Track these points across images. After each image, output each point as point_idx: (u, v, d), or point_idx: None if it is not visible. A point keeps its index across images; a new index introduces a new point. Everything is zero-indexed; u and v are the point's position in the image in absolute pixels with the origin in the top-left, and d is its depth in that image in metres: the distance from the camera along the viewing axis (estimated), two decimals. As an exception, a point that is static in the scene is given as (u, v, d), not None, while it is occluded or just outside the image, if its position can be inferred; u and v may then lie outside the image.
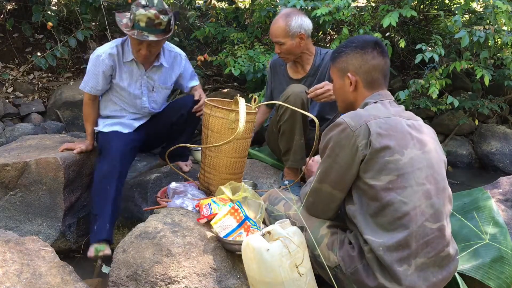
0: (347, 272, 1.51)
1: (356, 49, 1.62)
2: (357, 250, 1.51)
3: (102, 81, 2.30)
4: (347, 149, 1.47)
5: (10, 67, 4.28)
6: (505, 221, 1.99)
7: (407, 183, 1.45)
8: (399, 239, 1.43)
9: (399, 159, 1.45)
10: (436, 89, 3.26)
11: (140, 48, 2.22)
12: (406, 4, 3.29)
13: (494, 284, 1.77)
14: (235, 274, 1.67)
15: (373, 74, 1.61)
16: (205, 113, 2.09)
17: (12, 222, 2.26)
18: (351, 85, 1.63)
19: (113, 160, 2.15)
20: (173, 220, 1.80)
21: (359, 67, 1.61)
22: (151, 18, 2.13)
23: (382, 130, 1.46)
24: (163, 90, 2.47)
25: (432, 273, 1.48)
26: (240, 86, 4.39)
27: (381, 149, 1.44)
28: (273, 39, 2.47)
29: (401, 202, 1.43)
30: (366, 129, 1.46)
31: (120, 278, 1.60)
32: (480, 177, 3.72)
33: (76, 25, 4.18)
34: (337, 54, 1.67)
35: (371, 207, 1.47)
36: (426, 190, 1.47)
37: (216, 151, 2.07)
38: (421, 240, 1.45)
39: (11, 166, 2.23)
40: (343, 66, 1.64)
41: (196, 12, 4.20)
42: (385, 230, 1.45)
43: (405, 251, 1.43)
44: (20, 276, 1.51)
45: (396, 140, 1.46)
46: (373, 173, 1.45)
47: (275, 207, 1.80)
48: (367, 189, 1.47)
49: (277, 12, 3.81)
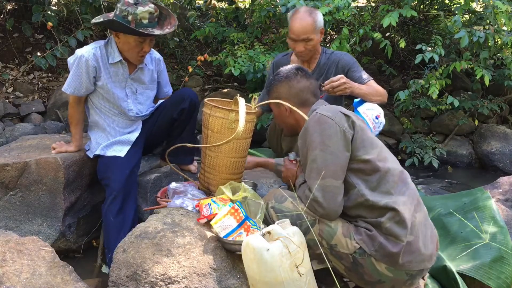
0: (371, 251, 1.57)
1: (280, 79, 1.88)
2: (374, 229, 1.59)
3: (85, 82, 2.23)
4: (334, 136, 1.61)
5: (10, 67, 4.28)
6: (505, 221, 2.00)
7: (385, 153, 1.70)
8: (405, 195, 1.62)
9: (372, 136, 1.70)
10: (436, 89, 3.27)
11: (143, 47, 2.20)
12: (406, 4, 3.29)
13: (494, 284, 1.77)
14: (235, 274, 1.67)
15: (302, 94, 1.85)
16: (205, 113, 2.09)
17: (12, 222, 2.26)
18: (286, 110, 1.85)
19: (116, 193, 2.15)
20: (173, 220, 1.80)
21: (287, 92, 1.85)
22: (152, 12, 2.13)
23: (351, 116, 1.67)
24: (146, 91, 2.42)
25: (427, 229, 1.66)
26: (240, 86, 4.39)
27: (361, 128, 1.66)
28: (299, 37, 2.39)
29: (391, 167, 1.65)
30: (342, 115, 1.65)
31: (120, 278, 1.60)
32: (480, 177, 3.72)
33: (76, 25, 4.18)
34: (269, 87, 1.93)
35: (373, 180, 1.61)
36: (392, 159, 1.71)
37: (216, 151, 2.07)
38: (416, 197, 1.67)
39: (11, 166, 2.23)
40: (275, 96, 1.88)
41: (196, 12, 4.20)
42: (390, 194, 1.60)
43: (411, 206, 1.61)
44: (20, 276, 1.51)
45: (362, 123, 1.70)
46: (364, 149, 1.63)
47: (283, 204, 1.79)
48: (364, 165, 1.62)
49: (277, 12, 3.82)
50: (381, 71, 4.50)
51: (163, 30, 2.20)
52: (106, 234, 2.18)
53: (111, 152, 2.29)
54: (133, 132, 2.40)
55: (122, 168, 2.22)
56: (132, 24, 2.11)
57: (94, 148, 2.34)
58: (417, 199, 1.68)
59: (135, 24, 2.11)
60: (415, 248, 1.57)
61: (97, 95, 2.31)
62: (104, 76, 2.26)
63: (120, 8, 2.13)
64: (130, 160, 2.28)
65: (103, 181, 2.24)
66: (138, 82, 2.37)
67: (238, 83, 4.45)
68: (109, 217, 2.14)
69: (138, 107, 2.40)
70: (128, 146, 2.33)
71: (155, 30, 2.16)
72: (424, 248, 1.59)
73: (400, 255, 1.55)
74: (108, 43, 2.27)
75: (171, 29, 2.23)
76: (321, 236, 1.63)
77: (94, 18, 2.25)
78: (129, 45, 2.20)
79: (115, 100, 2.31)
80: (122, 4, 2.13)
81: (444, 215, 2.11)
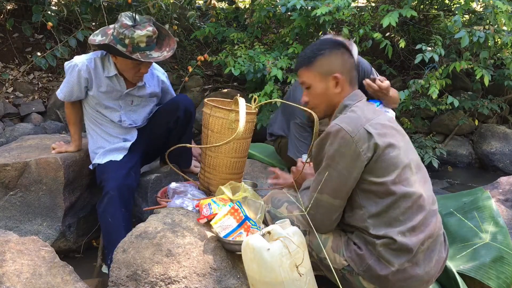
0: (359, 271, 1.53)
1: (333, 49, 1.62)
2: (364, 248, 1.53)
3: (76, 90, 2.23)
4: (348, 155, 1.47)
5: (10, 67, 4.28)
6: (505, 221, 2.00)
7: (408, 174, 1.52)
8: (415, 224, 1.49)
9: (399, 153, 1.51)
10: (436, 89, 3.26)
11: (140, 68, 2.18)
12: (406, 4, 3.29)
13: (494, 284, 1.77)
14: (235, 274, 1.67)
15: (352, 72, 1.64)
16: (205, 113, 2.09)
17: (12, 222, 2.26)
18: (337, 85, 1.61)
19: (112, 192, 2.11)
20: (173, 220, 1.80)
21: (342, 66, 1.61)
22: (150, 36, 2.09)
23: (379, 130, 1.49)
24: (142, 103, 2.40)
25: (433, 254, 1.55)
26: (240, 86, 4.39)
27: (385, 147, 1.48)
28: None
29: (411, 191, 1.49)
30: (365, 133, 1.47)
31: (120, 278, 1.60)
32: (480, 177, 3.72)
33: (76, 25, 4.18)
34: (312, 57, 1.62)
35: (383, 203, 1.49)
36: (419, 177, 1.57)
37: (216, 151, 2.06)
38: (431, 224, 1.53)
39: (11, 166, 2.23)
40: (326, 68, 1.60)
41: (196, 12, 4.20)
42: (398, 221, 1.49)
43: (421, 234, 1.50)
44: (20, 276, 1.51)
45: (391, 136, 1.52)
46: (382, 170, 1.48)
47: (278, 209, 1.80)
48: (376, 187, 1.48)
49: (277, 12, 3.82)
50: (381, 71, 4.50)
51: (161, 52, 2.16)
52: (105, 235, 2.15)
53: (107, 158, 2.28)
54: (128, 141, 2.37)
55: (118, 169, 2.20)
56: (129, 48, 2.07)
57: (92, 158, 2.35)
58: (433, 225, 1.55)
59: (132, 48, 2.07)
60: (410, 274, 1.50)
61: (89, 103, 2.31)
62: (95, 88, 2.24)
63: (117, 30, 2.08)
64: (126, 162, 2.26)
65: (101, 184, 2.21)
66: (135, 96, 2.35)
67: (238, 83, 4.45)
68: (106, 218, 2.10)
69: (132, 118, 2.37)
70: (124, 152, 2.31)
71: (153, 52, 2.12)
72: (424, 273, 1.52)
73: (389, 279, 1.49)
74: (106, 56, 2.24)
75: (169, 53, 2.18)
76: (311, 248, 1.62)
77: (92, 34, 2.21)
78: (126, 66, 2.19)
79: (107, 111, 2.31)
80: (120, 26, 2.07)
81: (444, 215, 2.11)
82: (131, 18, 2.11)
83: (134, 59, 2.09)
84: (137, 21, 2.11)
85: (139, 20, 2.12)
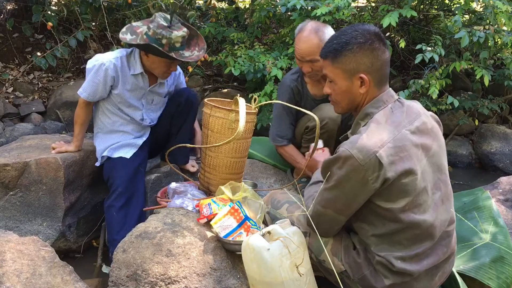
0: (354, 278, 1.52)
1: (363, 45, 1.43)
2: (363, 256, 1.51)
3: (101, 90, 2.26)
4: (356, 181, 1.38)
5: (10, 67, 4.28)
6: (505, 221, 2.00)
7: (421, 200, 1.42)
8: (419, 251, 1.45)
9: (415, 178, 1.40)
10: (436, 89, 3.26)
11: (171, 66, 2.26)
12: (406, 4, 3.29)
13: (494, 284, 1.77)
14: (235, 274, 1.67)
15: (383, 70, 1.47)
16: (205, 113, 2.09)
17: (12, 222, 2.26)
18: (362, 86, 1.47)
19: (120, 189, 2.18)
20: (173, 220, 1.80)
21: (370, 65, 1.44)
22: (184, 36, 2.17)
23: (393, 157, 1.37)
24: (161, 102, 2.48)
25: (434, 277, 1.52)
26: (240, 86, 4.39)
27: (397, 177, 1.37)
28: (305, 58, 2.26)
29: (421, 220, 1.42)
30: (376, 161, 1.35)
31: (120, 278, 1.60)
32: (480, 177, 3.71)
33: (76, 25, 4.18)
34: (339, 52, 1.46)
35: (390, 228, 1.44)
36: (437, 197, 1.48)
37: (216, 151, 2.07)
38: (439, 250, 1.50)
39: (11, 166, 2.23)
40: (351, 66, 1.45)
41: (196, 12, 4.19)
42: (402, 245, 1.44)
43: (425, 261, 1.47)
44: (20, 276, 1.51)
45: (408, 160, 1.39)
46: (389, 197, 1.40)
47: (278, 210, 1.80)
48: (384, 212, 1.42)
49: (277, 12, 3.82)
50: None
51: (192, 52, 2.25)
52: (109, 229, 2.19)
53: (117, 154, 2.32)
54: (142, 137, 2.44)
55: (127, 166, 2.26)
56: (166, 48, 2.15)
57: (101, 151, 2.36)
58: (441, 252, 1.50)
59: (169, 48, 2.15)
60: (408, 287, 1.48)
61: (111, 101, 2.34)
62: (121, 86, 2.28)
63: (153, 31, 2.14)
64: (134, 160, 2.31)
65: (109, 181, 2.26)
66: (156, 94, 2.42)
67: (238, 83, 4.45)
68: (111, 212, 2.15)
69: (151, 116, 2.45)
70: (135, 149, 2.36)
71: (185, 52, 2.21)
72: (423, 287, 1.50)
73: None
74: (131, 54, 2.30)
75: (200, 52, 2.27)
76: (311, 250, 1.62)
77: (121, 33, 2.21)
78: (158, 64, 2.25)
79: (129, 109, 2.36)
80: (156, 27, 2.14)
81: (444, 215, 2.11)
82: (166, 19, 2.19)
83: (174, 58, 2.17)
84: (168, 22, 2.18)
85: (170, 20, 2.20)
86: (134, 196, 2.20)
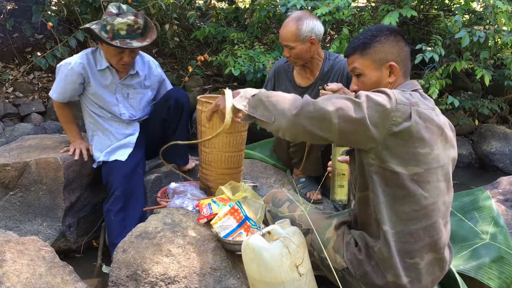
0: (356, 275, 1.52)
1: (389, 36, 1.50)
2: (364, 252, 1.51)
3: (70, 89, 2.28)
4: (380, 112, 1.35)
5: (10, 67, 4.28)
6: (505, 221, 2.00)
7: (430, 178, 1.43)
8: (411, 230, 1.44)
9: (429, 153, 1.41)
10: (436, 89, 3.26)
11: (123, 57, 2.23)
12: (406, 4, 3.29)
13: (494, 284, 1.77)
14: (235, 274, 1.67)
15: (407, 61, 1.53)
16: (198, 110, 2.11)
17: (12, 222, 2.26)
18: (391, 75, 1.51)
19: (117, 192, 2.19)
20: (173, 220, 1.80)
21: (397, 55, 1.50)
22: (130, 24, 2.14)
23: (421, 121, 1.38)
24: (138, 95, 2.44)
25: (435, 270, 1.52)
26: (240, 86, 4.39)
27: (416, 139, 1.38)
28: (282, 43, 2.33)
29: (421, 195, 1.42)
30: (408, 111, 1.36)
31: (120, 278, 1.60)
32: (480, 177, 3.71)
33: (76, 25, 4.18)
34: (367, 44, 1.51)
35: (396, 193, 1.43)
36: (442, 187, 1.48)
37: (210, 146, 2.07)
38: (435, 236, 1.47)
39: (11, 166, 2.23)
40: (380, 56, 1.49)
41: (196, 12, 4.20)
42: (400, 219, 1.44)
43: (416, 244, 1.45)
44: (20, 276, 1.51)
45: (430, 133, 1.41)
46: (401, 160, 1.39)
47: (279, 209, 1.79)
48: (391, 176, 1.41)
49: (277, 12, 3.82)
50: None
51: (143, 43, 2.20)
52: (108, 233, 2.20)
53: (113, 157, 2.32)
54: (133, 134, 2.42)
55: (122, 168, 2.26)
56: (110, 34, 2.14)
57: (97, 156, 2.37)
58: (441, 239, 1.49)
59: (112, 35, 2.13)
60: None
61: (89, 101, 2.35)
62: (93, 82, 2.29)
63: (103, 17, 2.17)
64: (130, 161, 2.31)
65: (107, 184, 2.27)
66: (130, 87, 2.40)
67: (238, 83, 4.44)
68: (110, 216, 2.17)
69: (130, 111, 2.42)
70: (130, 148, 2.36)
71: (134, 42, 2.17)
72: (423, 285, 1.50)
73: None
74: (97, 50, 2.31)
75: (147, 42, 2.22)
76: (313, 247, 1.62)
77: (88, 23, 2.27)
78: (109, 53, 2.25)
79: (106, 105, 2.35)
80: (105, 13, 2.17)
81: (444, 215, 2.11)
82: (118, 7, 2.18)
83: (111, 44, 2.15)
84: (122, 10, 2.17)
85: (125, 10, 2.19)
86: (132, 198, 2.21)
